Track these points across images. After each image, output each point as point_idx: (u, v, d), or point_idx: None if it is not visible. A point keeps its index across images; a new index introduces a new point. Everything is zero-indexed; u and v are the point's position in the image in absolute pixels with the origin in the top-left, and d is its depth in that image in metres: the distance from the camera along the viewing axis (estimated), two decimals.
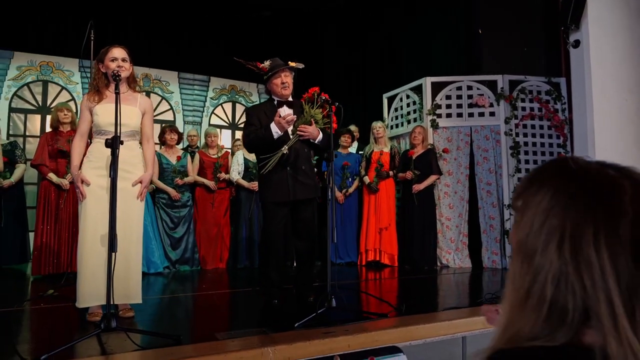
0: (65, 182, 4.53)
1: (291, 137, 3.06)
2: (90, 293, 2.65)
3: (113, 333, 2.34)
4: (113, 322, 2.27)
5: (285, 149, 3.02)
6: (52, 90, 6.23)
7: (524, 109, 5.56)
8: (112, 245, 2.27)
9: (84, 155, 2.77)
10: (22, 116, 6.11)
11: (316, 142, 3.14)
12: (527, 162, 5.51)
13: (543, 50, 5.76)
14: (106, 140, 2.30)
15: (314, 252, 3.16)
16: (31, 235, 4.92)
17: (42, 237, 4.58)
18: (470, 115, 5.65)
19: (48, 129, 4.92)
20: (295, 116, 3.05)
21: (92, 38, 3.11)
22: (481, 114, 5.62)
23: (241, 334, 2.32)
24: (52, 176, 4.53)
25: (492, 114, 5.59)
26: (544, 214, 0.59)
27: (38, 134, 5.90)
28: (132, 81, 2.89)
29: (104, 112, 2.67)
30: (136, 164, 2.82)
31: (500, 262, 5.42)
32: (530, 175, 0.66)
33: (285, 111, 3.12)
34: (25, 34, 6.47)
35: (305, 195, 3.07)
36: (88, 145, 2.90)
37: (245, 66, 3.15)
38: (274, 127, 3.00)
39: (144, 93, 6.92)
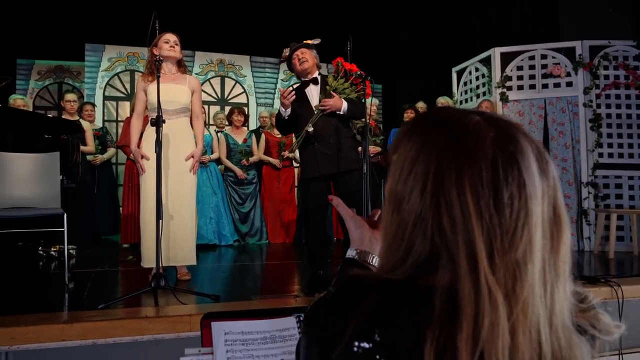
0: None
1: (315, 113, 3.12)
2: (150, 255, 2.97)
3: (164, 291, 2.62)
4: (162, 281, 2.55)
5: (309, 127, 3.08)
6: (138, 78, 6.84)
7: (606, 77, 5.07)
8: (159, 213, 2.54)
9: (142, 133, 3.09)
10: (114, 103, 6.81)
11: (341, 112, 3.13)
12: (609, 135, 5.05)
13: (631, 10, 5.17)
14: (151, 119, 2.56)
15: None
16: (121, 210, 5.53)
17: (128, 210, 5.14)
18: (545, 86, 5.27)
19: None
20: (290, 89, 3.09)
21: (157, 28, 3.39)
22: (557, 85, 5.22)
23: (274, 297, 2.49)
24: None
25: (569, 84, 5.16)
26: (411, 162, 0.60)
27: None
28: (181, 64, 3.14)
29: (155, 92, 2.93)
30: (188, 139, 3.08)
31: (577, 243, 5.06)
32: (402, 127, 0.66)
33: (312, 91, 3.20)
34: (114, 28, 7.16)
35: (336, 169, 3.10)
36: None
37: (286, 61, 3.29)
38: (280, 107, 3.11)
39: (219, 78, 7.35)
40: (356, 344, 0.55)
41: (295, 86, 3.28)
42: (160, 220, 2.55)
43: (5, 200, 2.92)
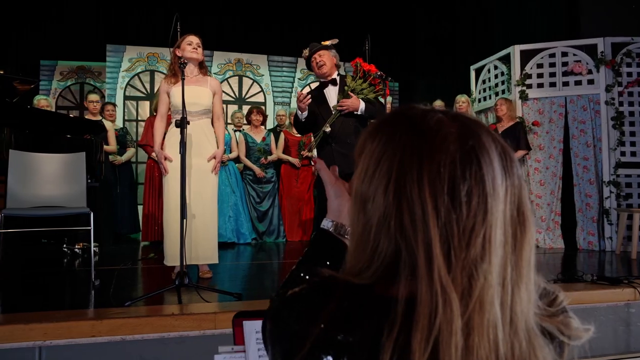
0: None
1: (333, 113, 3.14)
2: (173, 254, 3.03)
3: (188, 289, 2.68)
4: (186, 279, 2.60)
5: (326, 127, 3.11)
6: (158, 78, 6.94)
7: (629, 74, 4.99)
8: (183, 213, 2.59)
9: (165, 135, 3.14)
10: (134, 103, 6.92)
11: (359, 112, 3.15)
12: (632, 134, 4.97)
13: None
14: (175, 121, 2.60)
15: None
16: (140, 208, 5.61)
17: (149, 209, 5.22)
18: (565, 84, 5.21)
19: (154, 114, 5.53)
20: (305, 92, 3.13)
21: (178, 30, 3.44)
22: (578, 83, 5.16)
23: None
24: (155, 155, 5.11)
25: (590, 81, 5.10)
26: (376, 161, 0.59)
27: None
28: (203, 66, 3.19)
29: (179, 94, 2.99)
30: (210, 140, 3.13)
31: (598, 243, 5.00)
32: (367, 128, 0.65)
33: (331, 91, 3.22)
34: (134, 29, 7.28)
35: (352, 169, 3.11)
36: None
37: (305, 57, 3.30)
38: (298, 110, 3.16)
39: (237, 77, 7.42)
40: (316, 353, 0.54)
41: (313, 86, 3.31)
42: (185, 220, 2.60)
43: (34, 199, 3.01)
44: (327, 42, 3.21)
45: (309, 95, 3.12)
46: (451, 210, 0.53)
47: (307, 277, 0.65)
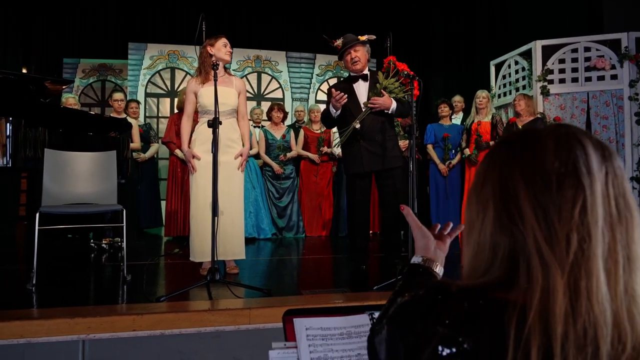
0: None
1: (363, 110, 3.16)
2: (201, 250, 3.11)
3: (218, 284, 2.74)
4: (217, 275, 2.67)
5: (356, 123, 3.13)
6: (179, 75, 7.04)
7: None
8: (215, 211, 2.65)
9: (191, 134, 3.21)
10: (155, 100, 7.02)
11: (389, 112, 3.18)
12: None
13: None
14: (208, 121, 2.67)
15: (397, 221, 3.26)
16: (163, 203, 5.71)
17: (172, 204, 5.31)
18: (588, 79, 5.16)
19: (176, 111, 5.61)
20: (344, 94, 3.11)
21: (203, 29, 3.50)
22: (600, 78, 5.10)
23: (323, 292, 2.58)
24: (178, 152, 5.19)
25: (613, 77, 5.04)
26: (487, 169, 0.66)
27: (168, 115, 6.75)
28: (226, 67, 3.25)
29: (208, 94, 3.05)
30: (236, 139, 3.19)
31: None
32: (512, 133, 0.71)
33: (360, 87, 3.24)
34: (155, 27, 7.36)
35: (379, 167, 3.16)
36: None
37: (328, 43, 3.29)
38: (330, 107, 3.17)
39: (255, 73, 7.47)
40: (440, 348, 0.59)
41: (331, 82, 3.33)
42: (216, 217, 2.66)
43: (68, 196, 3.10)
44: (364, 37, 3.21)
45: (345, 95, 3.13)
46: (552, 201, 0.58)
47: (415, 286, 0.72)
